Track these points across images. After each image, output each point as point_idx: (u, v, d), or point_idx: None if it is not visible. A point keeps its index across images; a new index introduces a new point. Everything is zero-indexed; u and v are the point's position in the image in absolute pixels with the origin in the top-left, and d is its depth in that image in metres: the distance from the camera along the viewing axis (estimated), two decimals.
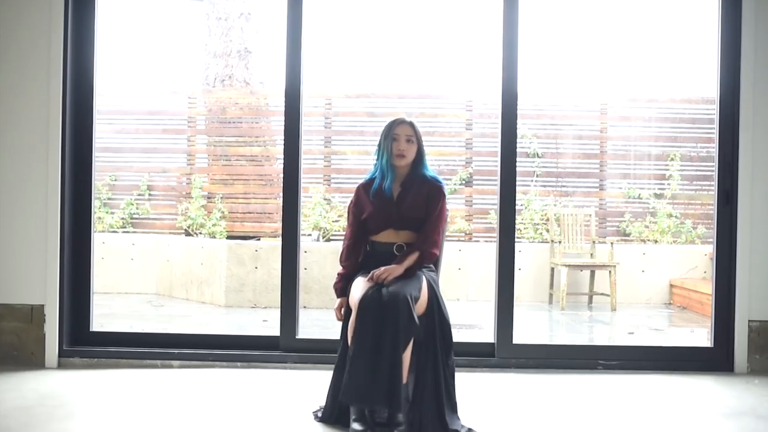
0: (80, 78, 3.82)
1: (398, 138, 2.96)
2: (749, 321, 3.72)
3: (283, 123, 3.81)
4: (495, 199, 7.30)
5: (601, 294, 6.51)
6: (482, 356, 3.75)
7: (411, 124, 2.99)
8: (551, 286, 6.65)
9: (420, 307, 2.76)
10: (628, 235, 7.30)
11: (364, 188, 3.05)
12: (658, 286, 6.86)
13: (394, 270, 2.80)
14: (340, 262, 3.07)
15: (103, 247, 6.95)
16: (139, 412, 2.96)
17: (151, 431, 2.73)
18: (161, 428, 2.76)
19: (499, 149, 3.82)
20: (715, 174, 3.82)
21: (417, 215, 2.95)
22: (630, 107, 7.53)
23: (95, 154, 3.89)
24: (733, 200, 3.75)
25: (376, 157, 3.04)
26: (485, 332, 5.13)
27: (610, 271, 6.31)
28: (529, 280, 6.73)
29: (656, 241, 7.24)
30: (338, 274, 3.05)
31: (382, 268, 2.79)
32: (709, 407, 3.14)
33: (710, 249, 6.94)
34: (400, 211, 2.95)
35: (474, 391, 3.32)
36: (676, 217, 7.31)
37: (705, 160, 7.43)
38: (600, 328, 5.69)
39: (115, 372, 3.61)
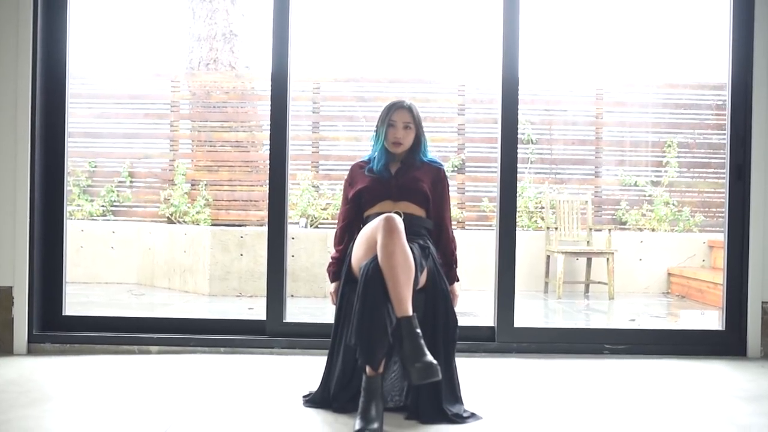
0: (52, 59, 3.57)
1: (395, 124, 2.79)
2: (763, 302, 3.52)
3: (269, 108, 3.60)
4: (488, 186, 7.22)
5: (598, 282, 6.32)
6: (482, 341, 3.54)
7: (410, 109, 2.81)
8: (547, 274, 6.45)
9: (420, 281, 2.54)
10: (625, 223, 7.12)
11: (360, 166, 2.90)
12: (655, 274, 6.68)
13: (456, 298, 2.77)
14: (334, 245, 2.88)
15: (82, 235, 6.69)
16: (111, 399, 2.72)
17: (124, 418, 2.49)
18: (135, 415, 2.53)
19: (499, 136, 3.59)
20: (727, 147, 3.61)
21: (416, 186, 2.77)
22: (626, 92, 7.35)
23: (69, 138, 3.66)
24: (745, 175, 3.55)
25: (372, 141, 2.89)
26: (480, 319, 4.92)
27: (608, 259, 6.11)
28: (524, 269, 6.52)
29: (653, 229, 7.07)
30: (332, 257, 2.85)
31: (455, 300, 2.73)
32: (725, 391, 2.94)
33: (709, 237, 6.78)
34: (398, 182, 2.77)
35: (474, 376, 3.11)
36: (673, 204, 7.14)
37: (702, 147, 7.27)
38: (598, 316, 5.50)
39: (88, 358, 3.37)
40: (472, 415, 2.51)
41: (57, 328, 3.57)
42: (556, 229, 6.41)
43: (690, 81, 7.28)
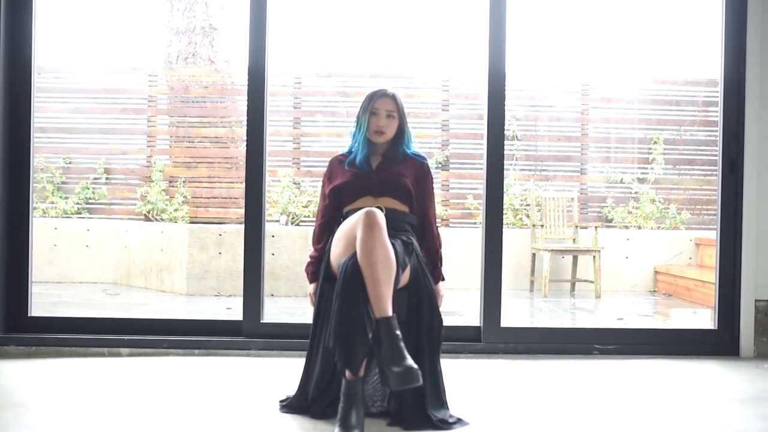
0: (16, 52, 3.43)
1: (378, 112, 2.65)
2: (756, 301, 3.43)
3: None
4: (473, 183, 7.09)
5: (584, 281, 6.22)
6: (467, 341, 3.41)
7: (393, 98, 2.67)
8: (532, 272, 6.34)
9: (402, 279, 2.40)
10: (611, 220, 7.03)
11: (339, 160, 2.75)
12: (642, 272, 6.58)
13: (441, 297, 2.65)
14: (313, 243, 2.73)
15: (56, 233, 6.49)
16: (78, 404, 2.56)
17: (91, 425, 2.34)
18: (103, 421, 2.37)
19: (485, 132, 3.47)
20: (720, 142, 3.51)
21: (398, 182, 2.63)
22: (612, 88, 7.26)
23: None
24: (738, 169, 3.45)
25: (352, 135, 2.75)
26: (466, 319, 4.80)
27: (594, 257, 6.01)
28: (509, 267, 6.37)
29: (640, 227, 6.98)
30: (310, 256, 2.70)
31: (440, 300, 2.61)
32: (720, 392, 2.83)
33: (695, 234, 6.70)
34: (380, 177, 2.63)
35: (459, 378, 2.97)
36: (659, 202, 7.06)
37: (689, 144, 7.19)
38: (586, 315, 5.39)
39: (55, 361, 3.20)
40: (459, 421, 2.38)
41: (22, 330, 3.41)
42: (542, 226, 6.30)
43: (676, 77, 7.21)
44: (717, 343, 3.48)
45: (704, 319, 5.12)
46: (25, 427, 2.31)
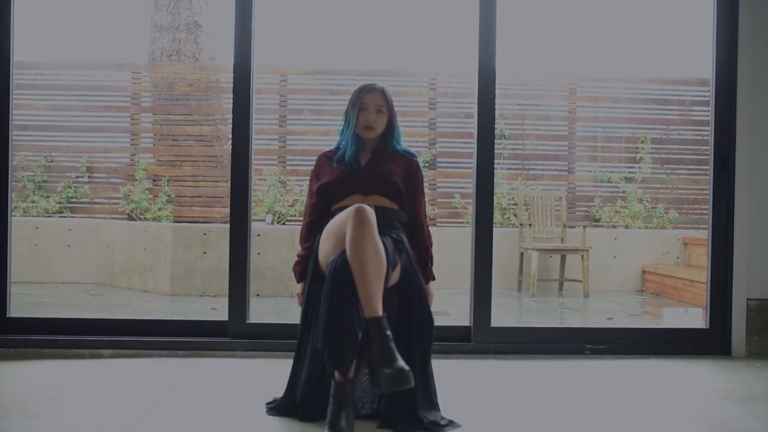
0: None
1: (367, 107, 2.59)
2: (748, 299, 3.39)
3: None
4: (460, 182, 7.04)
5: (572, 280, 6.18)
6: (457, 341, 3.36)
7: (382, 92, 2.62)
8: (520, 272, 6.30)
9: (392, 277, 2.34)
10: (598, 219, 7.01)
11: (327, 156, 2.68)
12: (630, 271, 6.56)
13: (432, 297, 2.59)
14: (300, 242, 2.66)
15: (37, 232, 6.38)
16: (57, 408, 2.48)
17: (70, 428, 2.26)
18: (83, 426, 2.29)
19: (475, 130, 3.41)
20: (711, 139, 3.47)
21: (388, 179, 2.56)
22: (600, 88, 7.24)
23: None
24: (730, 167, 3.42)
25: (339, 132, 2.69)
26: (454, 319, 4.75)
27: (582, 256, 5.98)
28: (497, 266, 6.27)
29: (627, 226, 6.96)
30: (298, 255, 2.64)
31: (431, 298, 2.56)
32: (714, 392, 2.79)
33: (683, 233, 6.69)
34: (369, 174, 2.56)
35: (450, 379, 2.91)
36: (647, 201, 7.04)
37: (676, 143, 7.19)
38: (575, 315, 5.36)
39: (34, 363, 3.12)
40: (450, 423, 2.32)
41: (1, 331, 3.32)
42: (530, 225, 6.26)
43: (664, 76, 7.20)
44: (709, 343, 3.44)
45: (695, 318, 5.10)
46: (3, 431, 2.23)
